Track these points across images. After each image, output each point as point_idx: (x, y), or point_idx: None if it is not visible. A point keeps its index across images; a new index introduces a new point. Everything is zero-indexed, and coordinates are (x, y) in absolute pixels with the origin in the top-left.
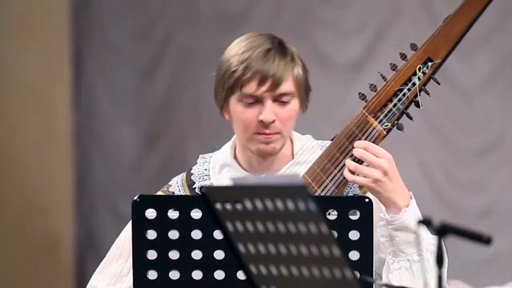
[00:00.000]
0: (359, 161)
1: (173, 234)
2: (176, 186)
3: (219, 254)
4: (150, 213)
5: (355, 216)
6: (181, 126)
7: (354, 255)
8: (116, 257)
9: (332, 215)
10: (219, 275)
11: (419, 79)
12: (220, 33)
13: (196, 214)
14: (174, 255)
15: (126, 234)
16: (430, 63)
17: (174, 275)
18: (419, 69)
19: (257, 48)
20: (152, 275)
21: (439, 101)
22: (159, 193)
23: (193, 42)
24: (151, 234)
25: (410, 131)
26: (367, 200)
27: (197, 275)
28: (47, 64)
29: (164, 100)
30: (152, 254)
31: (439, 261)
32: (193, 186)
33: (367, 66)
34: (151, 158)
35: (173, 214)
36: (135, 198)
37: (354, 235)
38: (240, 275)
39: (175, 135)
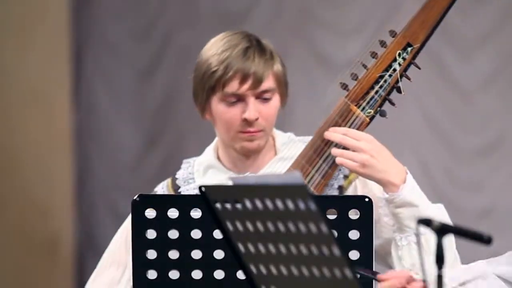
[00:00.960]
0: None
1: (173, 234)
2: (162, 191)
3: (219, 254)
4: (150, 213)
5: (355, 216)
6: (181, 126)
7: (354, 255)
8: (108, 266)
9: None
10: (219, 274)
11: (399, 64)
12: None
13: (195, 213)
14: (173, 254)
15: (116, 242)
16: (409, 48)
17: (174, 274)
18: (399, 54)
19: (235, 47)
20: (152, 274)
21: (439, 101)
22: None
23: (193, 42)
24: (151, 234)
25: (410, 130)
26: (367, 199)
27: (197, 274)
28: (47, 64)
29: (164, 100)
30: (151, 254)
31: (439, 261)
32: (179, 191)
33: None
34: (151, 158)
35: (172, 213)
36: (135, 197)
37: (354, 234)
38: (240, 274)
39: (175, 135)
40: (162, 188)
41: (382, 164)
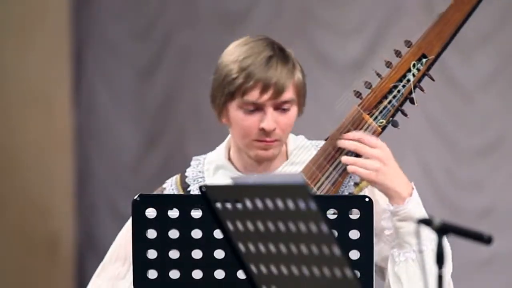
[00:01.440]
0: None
1: (173, 234)
2: (171, 189)
3: (219, 254)
4: (150, 213)
5: (355, 215)
6: (181, 126)
7: (354, 255)
8: (113, 260)
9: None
10: (219, 274)
11: (413, 75)
12: (220, 33)
13: (196, 213)
14: (174, 254)
15: (122, 237)
16: (424, 60)
17: (174, 274)
18: (414, 65)
19: (258, 54)
20: (152, 274)
21: (440, 101)
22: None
23: (193, 42)
24: (151, 234)
25: (410, 130)
26: (367, 199)
27: (197, 274)
28: (47, 64)
29: (164, 100)
30: (152, 254)
31: (440, 260)
32: (188, 189)
33: (367, 66)
34: (151, 158)
35: (173, 213)
36: (135, 197)
37: (354, 234)
38: (241, 274)
39: (175, 135)
40: (171, 186)
41: (394, 173)
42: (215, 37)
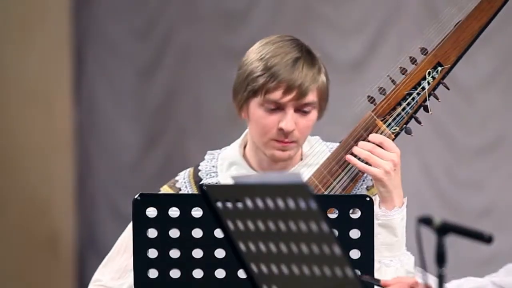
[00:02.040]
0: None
1: (174, 233)
2: (183, 181)
3: (220, 253)
4: (151, 212)
5: (356, 215)
6: (181, 125)
7: (354, 254)
8: (122, 251)
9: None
10: (220, 273)
11: (428, 83)
12: (221, 32)
13: (196, 212)
14: (174, 253)
15: (131, 233)
16: (439, 68)
17: (175, 273)
18: (429, 73)
19: (285, 55)
20: (153, 273)
21: (440, 100)
22: (165, 187)
23: (193, 41)
24: (152, 233)
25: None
26: (367, 198)
27: (197, 273)
28: (47, 64)
29: (164, 99)
30: (152, 253)
31: (440, 260)
32: (200, 183)
33: (368, 65)
34: (152, 157)
35: (173, 212)
36: (136, 196)
37: (354, 233)
38: (241, 273)
39: (175, 134)
40: (184, 178)
41: (397, 182)
42: (215, 36)
